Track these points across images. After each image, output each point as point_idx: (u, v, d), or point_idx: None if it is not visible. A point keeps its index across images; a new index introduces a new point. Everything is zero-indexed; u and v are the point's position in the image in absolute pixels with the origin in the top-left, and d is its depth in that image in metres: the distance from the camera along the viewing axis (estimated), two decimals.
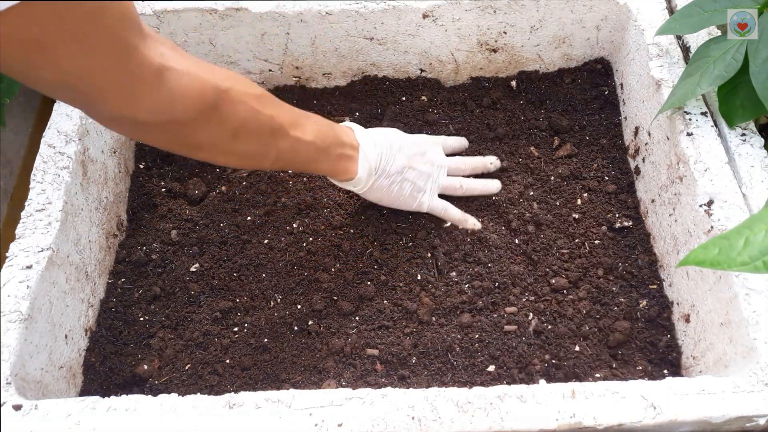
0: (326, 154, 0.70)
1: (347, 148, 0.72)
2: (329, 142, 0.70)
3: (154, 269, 0.81)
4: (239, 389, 0.71)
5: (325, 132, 0.69)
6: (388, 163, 0.76)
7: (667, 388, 0.58)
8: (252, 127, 0.61)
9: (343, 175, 0.73)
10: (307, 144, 0.67)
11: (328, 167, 0.72)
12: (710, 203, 0.68)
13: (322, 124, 0.70)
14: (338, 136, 0.71)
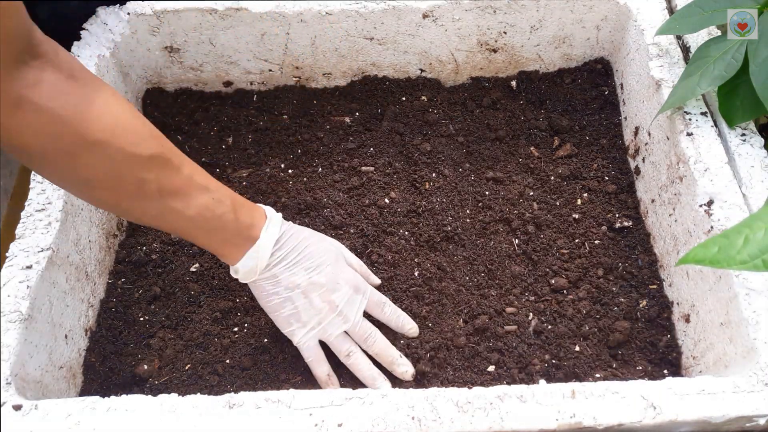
0: (208, 235, 0.64)
1: (239, 238, 0.66)
2: (217, 225, 0.64)
3: (154, 269, 0.81)
4: (239, 389, 0.71)
5: (219, 213, 0.63)
6: (282, 272, 0.68)
7: (667, 388, 0.58)
8: (111, 184, 0.58)
9: (222, 258, 0.68)
10: (183, 218, 0.62)
11: (206, 245, 0.66)
12: (710, 203, 0.68)
13: (221, 205, 0.64)
14: (236, 223, 0.65)
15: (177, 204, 0.61)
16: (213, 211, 0.63)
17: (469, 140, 0.91)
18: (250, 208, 0.67)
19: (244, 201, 0.68)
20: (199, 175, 0.64)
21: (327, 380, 0.70)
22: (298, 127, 0.93)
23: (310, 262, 0.69)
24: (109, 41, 0.87)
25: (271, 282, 0.68)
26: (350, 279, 0.71)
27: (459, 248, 0.81)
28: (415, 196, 0.85)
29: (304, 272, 0.68)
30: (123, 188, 0.59)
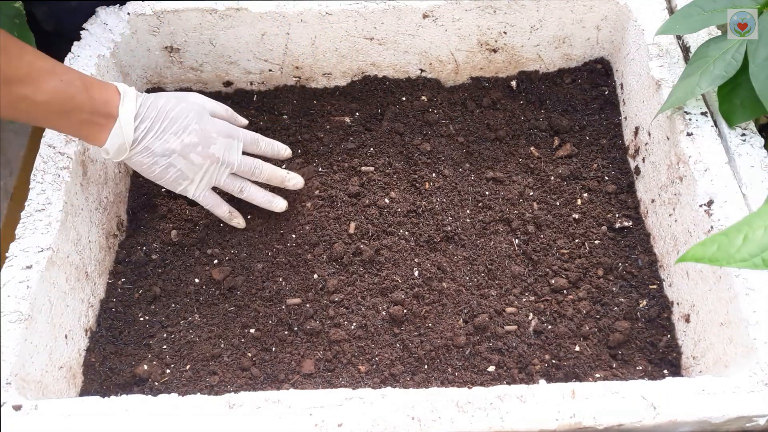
0: (65, 118, 0.64)
1: (98, 116, 0.66)
2: (72, 106, 0.64)
3: (154, 269, 0.81)
4: (239, 389, 0.71)
5: (71, 94, 0.63)
6: (154, 143, 0.70)
7: (667, 388, 0.58)
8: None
9: (89, 141, 0.68)
10: (36, 104, 0.62)
11: (69, 130, 0.67)
12: (710, 203, 0.68)
13: (71, 85, 0.64)
14: (91, 101, 0.65)
15: (25, 90, 0.61)
16: (64, 93, 0.63)
17: (469, 140, 0.91)
18: (102, 86, 0.68)
19: (94, 80, 0.68)
20: (43, 60, 0.63)
21: (230, 217, 0.80)
22: (298, 127, 0.93)
23: (177, 125, 0.71)
24: (109, 41, 0.87)
25: (146, 154, 0.70)
26: (221, 129, 0.75)
27: (459, 248, 0.81)
28: (415, 196, 0.85)
29: (174, 137, 0.71)
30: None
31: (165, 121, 0.70)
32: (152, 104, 0.71)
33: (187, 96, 0.75)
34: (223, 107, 0.80)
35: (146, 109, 0.70)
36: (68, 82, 0.64)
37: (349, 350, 0.73)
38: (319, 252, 0.81)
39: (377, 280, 0.78)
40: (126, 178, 0.88)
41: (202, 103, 0.76)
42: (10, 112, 0.63)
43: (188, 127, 0.72)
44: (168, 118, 0.71)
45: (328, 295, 0.77)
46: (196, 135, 0.72)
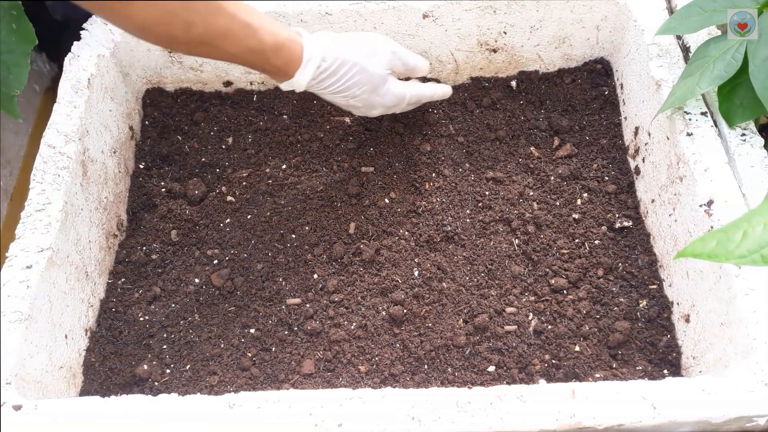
0: (249, 66, 0.70)
1: (276, 71, 0.71)
2: (257, 61, 0.69)
3: (154, 269, 0.81)
4: (239, 389, 0.71)
5: (259, 53, 0.69)
6: (324, 94, 0.77)
7: (667, 388, 0.58)
8: (162, 29, 0.62)
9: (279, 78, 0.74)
10: (228, 54, 0.67)
11: (251, 69, 0.72)
12: (710, 203, 0.68)
13: (262, 44, 0.68)
14: (276, 61, 0.70)
15: (221, 44, 0.66)
16: (254, 52, 0.68)
17: (469, 140, 0.91)
18: (290, 51, 0.70)
19: (284, 41, 0.70)
20: (243, 11, 0.66)
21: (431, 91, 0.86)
22: (298, 127, 0.93)
23: (348, 92, 0.77)
24: (109, 41, 0.87)
25: (317, 90, 0.76)
26: (386, 103, 0.80)
27: (459, 248, 0.81)
28: (415, 196, 0.85)
29: (341, 97, 0.78)
30: (174, 32, 0.63)
31: (338, 86, 0.75)
32: (334, 71, 0.74)
33: (369, 65, 0.76)
34: (402, 62, 0.82)
35: (326, 75, 0.74)
36: (260, 41, 0.68)
37: (349, 350, 0.73)
38: (319, 252, 0.81)
39: (377, 280, 0.78)
40: (126, 178, 0.88)
41: (383, 75, 0.78)
42: (203, 56, 0.69)
43: (357, 96, 0.77)
44: (343, 86, 0.76)
45: (328, 295, 0.77)
46: (361, 102, 0.79)
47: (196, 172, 0.90)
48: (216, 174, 0.89)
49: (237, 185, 0.88)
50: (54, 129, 0.77)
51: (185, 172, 0.90)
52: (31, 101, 1.19)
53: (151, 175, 0.90)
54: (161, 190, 0.88)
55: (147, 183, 0.89)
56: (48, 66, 1.20)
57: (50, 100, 0.96)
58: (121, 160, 0.87)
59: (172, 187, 0.88)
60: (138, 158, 0.91)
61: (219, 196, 0.87)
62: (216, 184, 0.88)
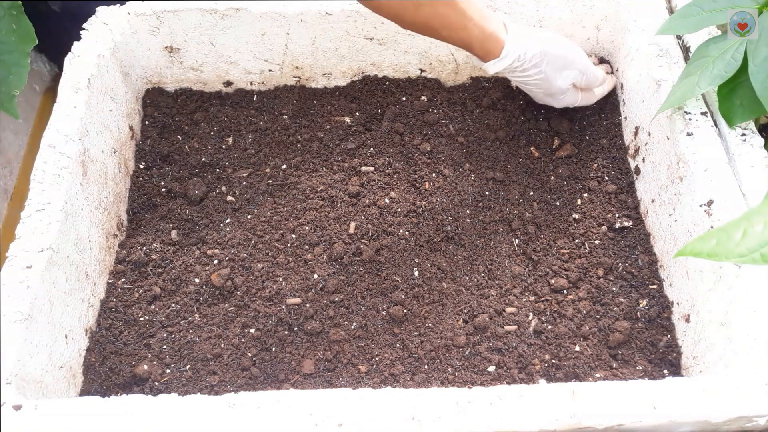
0: (450, 42, 0.77)
1: (479, 52, 0.79)
2: (463, 45, 0.77)
3: (154, 269, 0.81)
4: (239, 389, 0.71)
5: (466, 42, 0.76)
6: (517, 78, 0.83)
7: (667, 388, 0.58)
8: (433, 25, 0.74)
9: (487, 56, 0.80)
10: (436, 37, 0.76)
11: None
12: (710, 203, 0.68)
13: (471, 37, 0.76)
14: (480, 48, 0.77)
15: (439, 29, 0.75)
16: (463, 38, 0.76)
17: (469, 140, 0.91)
18: (491, 46, 0.78)
19: (490, 35, 0.77)
20: (463, 3, 0.74)
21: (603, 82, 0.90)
22: (298, 127, 0.93)
23: (527, 87, 0.85)
24: (109, 41, 0.87)
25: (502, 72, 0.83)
26: (555, 104, 0.87)
27: (459, 248, 0.81)
28: (415, 196, 0.85)
29: (520, 83, 0.85)
30: (405, 8, 0.73)
31: (520, 79, 0.83)
32: (520, 71, 0.81)
33: (555, 79, 0.83)
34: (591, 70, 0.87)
35: (512, 69, 0.80)
36: (470, 35, 0.76)
37: (349, 350, 0.73)
38: (319, 252, 0.81)
39: (377, 280, 0.78)
40: (126, 178, 0.88)
41: (563, 88, 0.84)
42: (421, 33, 0.77)
43: (533, 92, 0.86)
44: (523, 81, 0.83)
45: (328, 295, 0.77)
46: (535, 94, 0.87)
47: (196, 172, 0.90)
48: (216, 174, 0.89)
49: (237, 185, 0.88)
50: (54, 129, 0.77)
51: (185, 172, 0.90)
52: (31, 101, 1.19)
53: (151, 175, 0.90)
54: (161, 190, 0.88)
55: (147, 183, 0.89)
56: (48, 66, 1.20)
57: (50, 100, 0.96)
58: (121, 160, 0.87)
59: (172, 187, 0.88)
60: (138, 158, 0.91)
61: (219, 196, 0.87)
62: (216, 184, 0.88)
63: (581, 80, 0.85)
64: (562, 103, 0.87)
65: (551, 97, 0.85)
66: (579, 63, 0.83)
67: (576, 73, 0.83)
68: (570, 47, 0.83)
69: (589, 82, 0.86)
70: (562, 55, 0.82)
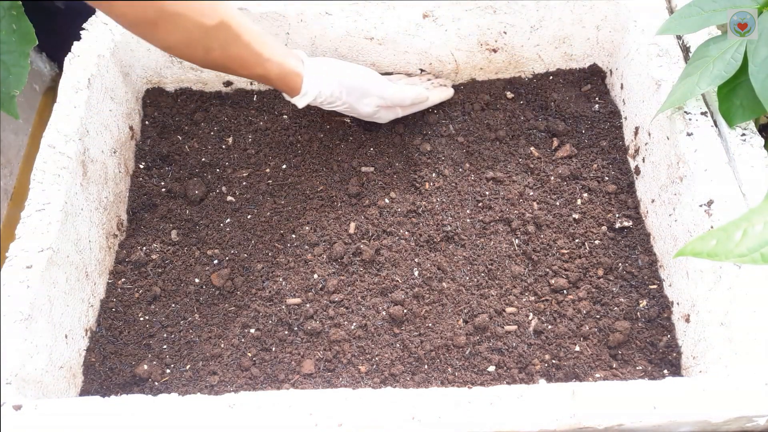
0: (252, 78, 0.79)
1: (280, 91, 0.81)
2: (261, 81, 0.78)
3: (154, 269, 0.81)
4: (239, 389, 0.71)
5: (265, 79, 0.77)
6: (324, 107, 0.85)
7: (667, 388, 0.58)
8: (185, 51, 0.71)
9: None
10: (239, 74, 0.76)
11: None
12: (710, 203, 0.68)
13: (269, 74, 0.77)
14: (278, 83, 0.79)
15: (234, 64, 0.75)
16: (262, 75, 0.77)
17: (469, 140, 0.91)
18: (292, 82, 0.79)
19: (288, 73, 0.78)
20: (257, 42, 0.74)
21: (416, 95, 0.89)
22: (298, 127, 0.93)
23: (350, 112, 0.86)
24: (109, 41, 0.87)
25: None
26: (379, 122, 0.90)
27: (459, 248, 0.81)
28: (415, 196, 0.85)
29: (350, 113, 0.87)
30: (194, 54, 0.72)
31: (332, 109, 0.86)
32: (327, 104, 0.84)
33: (359, 106, 0.85)
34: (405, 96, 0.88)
35: (318, 102, 0.83)
36: (267, 71, 0.77)
37: (349, 350, 0.73)
38: (319, 252, 0.81)
39: (377, 280, 0.78)
40: (126, 178, 0.88)
41: (370, 113, 0.87)
42: (218, 70, 0.77)
43: (350, 117, 0.90)
44: (335, 109, 0.86)
45: (328, 295, 0.77)
46: (362, 116, 0.88)
47: (196, 172, 0.90)
48: (216, 174, 0.89)
49: (237, 185, 0.88)
50: (54, 129, 0.77)
51: (185, 172, 0.90)
52: (31, 101, 1.19)
53: (151, 175, 0.90)
54: (161, 190, 0.88)
55: (147, 183, 0.89)
56: (48, 66, 1.20)
57: (50, 100, 0.96)
58: (121, 160, 0.87)
59: (172, 187, 0.88)
60: (138, 158, 0.91)
61: (219, 196, 0.87)
62: (216, 184, 0.88)
63: (384, 104, 0.86)
64: (383, 120, 0.89)
65: (369, 117, 0.88)
66: (375, 90, 0.85)
67: (376, 99, 0.85)
68: (365, 77, 0.85)
69: (394, 103, 0.87)
70: (358, 87, 0.84)
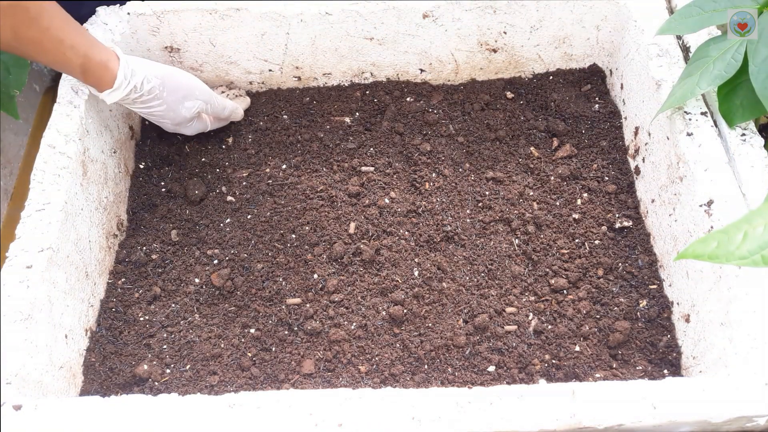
0: (62, 72, 0.75)
1: (88, 86, 0.77)
2: (66, 70, 0.74)
3: (154, 269, 0.81)
4: (239, 389, 0.71)
5: (67, 67, 0.73)
6: (135, 108, 0.81)
7: (667, 388, 0.58)
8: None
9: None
10: (39, 58, 0.70)
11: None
12: (710, 203, 0.68)
13: (71, 62, 0.72)
14: (84, 77, 0.74)
15: (30, 49, 0.69)
16: (63, 64, 0.72)
17: (469, 140, 0.91)
18: (99, 75, 0.75)
19: (96, 65, 0.74)
20: (58, 27, 0.69)
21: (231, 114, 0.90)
22: (298, 127, 0.93)
23: (153, 117, 0.83)
24: (109, 41, 0.87)
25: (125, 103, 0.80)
26: (184, 132, 0.87)
27: (459, 248, 0.81)
28: (415, 196, 0.85)
29: (160, 118, 0.83)
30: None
31: (143, 110, 0.81)
32: (143, 101, 0.79)
33: (180, 109, 0.82)
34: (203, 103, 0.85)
35: (133, 97, 0.78)
36: (69, 59, 0.72)
37: (349, 350, 0.73)
38: (319, 252, 0.81)
39: (377, 280, 0.78)
40: (126, 178, 0.88)
41: (188, 118, 0.84)
42: (16, 52, 0.70)
43: (160, 122, 0.84)
44: (148, 111, 0.81)
45: (328, 295, 0.77)
46: (166, 115, 0.83)
47: (196, 172, 0.90)
48: (216, 174, 0.89)
49: (237, 185, 0.88)
50: (54, 129, 0.77)
51: (185, 172, 0.90)
52: (31, 101, 1.19)
53: (151, 175, 0.90)
54: (161, 190, 0.88)
55: (147, 183, 0.89)
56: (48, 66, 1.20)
57: (50, 100, 0.96)
58: (121, 160, 0.87)
59: (172, 187, 0.88)
60: (138, 158, 0.91)
61: (219, 196, 0.87)
62: (216, 184, 0.88)
63: (207, 109, 0.86)
64: (191, 131, 0.87)
65: (179, 126, 0.85)
66: (201, 94, 0.84)
67: (200, 103, 0.84)
68: (191, 79, 0.84)
69: (216, 111, 0.87)
70: (183, 85, 0.82)
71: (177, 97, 0.81)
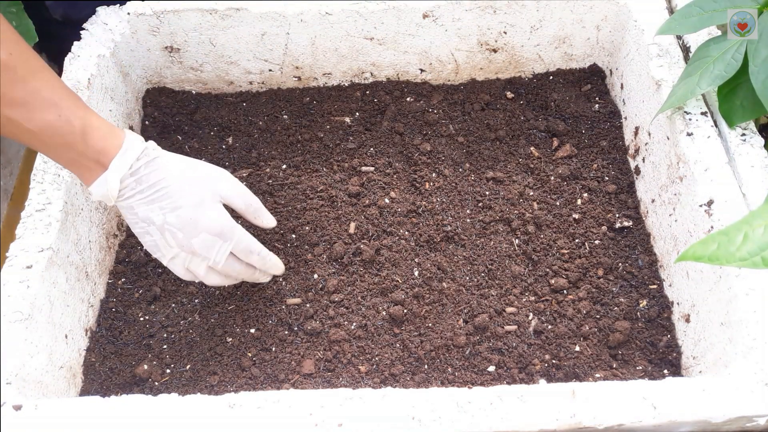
0: (53, 152, 0.63)
1: (87, 160, 0.64)
2: (62, 144, 0.62)
3: (154, 269, 0.81)
4: (239, 389, 0.71)
5: (63, 134, 0.62)
6: (139, 206, 0.66)
7: (667, 388, 0.58)
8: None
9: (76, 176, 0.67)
10: (25, 131, 0.60)
11: (58, 162, 0.65)
12: (710, 203, 0.68)
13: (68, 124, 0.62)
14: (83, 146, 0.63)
15: (16, 114, 0.60)
16: (57, 130, 0.62)
17: (469, 140, 0.91)
18: (106, 134, 0.65)
19: (102, 125, 0.65)
20: (51, 90, 0.61)
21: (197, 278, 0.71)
22: (298, 127, 0.93)
23: (168, 201, 0.66)
24: (109, 41, 0.87)
25: (130, 212, 0.67)
26: (212, 227, 0.67)
27: (459, 248, 0.81)
28: (415, 196, 0.85)
29: (159, 211, 0.66)
30: None
31: (158, 192, 0.66)
32: (158, 169, 0.67)
33: (203, 173, 0.69)
34: (243, 199, 0.72)
35: (149, 171, 0.66)
36: (66, 119, 0.62)
37: (349, 350, 0.73)
38: (319, 252, 0.81)
39: (377, 280, 0.78)
40: None
41: (215, 188, 0.69)
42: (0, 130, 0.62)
43: (178, 209, 0.66)
44: (163, 191, 0.66)
45: (328, 295, 0.77)
46: (181, 221, 0.66)
47: None
48: None
49: None
50: None
51: None
52: None
53: None
54: None
55: None
56: None
57: None
58: None
59: None
60: None
61: None
62: None
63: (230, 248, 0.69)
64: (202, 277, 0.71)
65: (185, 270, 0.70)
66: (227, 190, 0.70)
67: (229, 232, 0.69)
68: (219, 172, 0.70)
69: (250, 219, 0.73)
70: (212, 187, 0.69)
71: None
